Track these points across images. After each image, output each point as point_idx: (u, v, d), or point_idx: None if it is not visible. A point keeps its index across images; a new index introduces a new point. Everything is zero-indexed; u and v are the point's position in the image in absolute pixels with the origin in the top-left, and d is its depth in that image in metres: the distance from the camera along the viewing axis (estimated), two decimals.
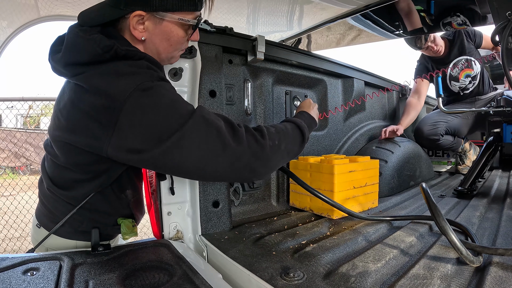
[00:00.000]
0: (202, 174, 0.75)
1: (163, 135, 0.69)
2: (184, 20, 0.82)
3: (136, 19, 0.78)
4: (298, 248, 0.95)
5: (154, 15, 0.79)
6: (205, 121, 0.73)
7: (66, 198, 0.90)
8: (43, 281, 0.68)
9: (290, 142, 0.88)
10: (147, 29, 0.81)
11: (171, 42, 0.85)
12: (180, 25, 0.83)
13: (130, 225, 0.97)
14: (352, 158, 1.41)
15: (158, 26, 0.81)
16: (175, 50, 0.89)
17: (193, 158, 0.71)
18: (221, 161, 0.73)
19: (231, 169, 0.75)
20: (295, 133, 0.92)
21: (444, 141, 2.27)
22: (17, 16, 1.48)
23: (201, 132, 0.71)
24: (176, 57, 0.93)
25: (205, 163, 0.72)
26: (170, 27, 0.83)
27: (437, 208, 0.86)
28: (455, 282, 0.69)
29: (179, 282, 0.70)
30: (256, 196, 1.42)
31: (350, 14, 1.57)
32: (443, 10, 1.55)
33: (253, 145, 0.77)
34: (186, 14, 0.82)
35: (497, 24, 0.91)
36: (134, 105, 0.69)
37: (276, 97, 1.54)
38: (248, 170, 0.77)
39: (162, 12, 0.79)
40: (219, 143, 0.72)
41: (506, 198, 1.45)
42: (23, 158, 5.67)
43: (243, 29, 1.93)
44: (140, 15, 0.78)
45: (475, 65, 2.29)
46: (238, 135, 0.75)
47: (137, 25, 0.79)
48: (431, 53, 2.30)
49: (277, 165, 0.85)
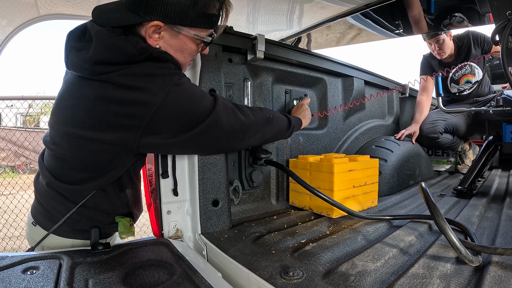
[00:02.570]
0: (227, 145, 0.95)
1: (199, 117, 0.83)
2: (199, 37, 0.87)
3: (153, 29, 0.82)
4: (298, 247, 0.95)
5: (172, 27, 0.83)
6: (224, 104, 0.90)
7: (67, 194, 0.89)
8: (43, 280, 0.68)
9: (278, 119, 1.10)
10: (162, 38, 0.85)
11: (184, 54, 0.90)
12: (194, 40, 0.88)
13: (127, 224, 0.97)
14: (351, 157, 1.41)
15: (174, 38, 0.86)
16: (186, 61, 0.94)
17: (225, 131, 0.88)
18: (240, 131, 0.93)
19: (248, 135, 0.96)
20: (282, 117, 1.13)
21: (443, 139, 2.28)
22: (17, 14, 1.47)
23: (225, 111, 0.88)
24: (185, 67, 0.97)
25: (229, 134, 0.90)
26: (185, 40, 0.87)
27: (436, 207, 0.86)
28: (454, 282, 0.70)
29: (178, 281, 0.70)
30: (255, 195, 1.42)
31: (350, 13, 1.57)
32: (443, 10, 1.55)
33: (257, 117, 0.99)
34: (201, 31, 0.87)
35: (497, 24, 0.91)
36: (173, 98, 0.79)
37: (276, 96, 1.54)
38: (260, 135, 1.01)
39: (180, 26, 0.84)
40: (236, 118, 0.91)
41: (506, 197, 1.45)
42: (22, 157, 5.67)
43: (243, 28, 1.93)
44: (158, 25, 0.81)
45: (477, 73, 2.32)
46: (244, 111, 0.96)
47: (153, 34, 0.83)
48: (432, 51, 2.31)
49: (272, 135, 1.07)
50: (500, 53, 0.92)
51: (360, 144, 1.96)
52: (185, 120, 0.82)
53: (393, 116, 2.38)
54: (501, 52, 0.91)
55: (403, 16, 1.64)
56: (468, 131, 2.41)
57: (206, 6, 0.83)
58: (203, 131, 0.84)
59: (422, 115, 2.30)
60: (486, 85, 2.41)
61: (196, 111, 0.83)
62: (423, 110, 2.32)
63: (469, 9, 1.46)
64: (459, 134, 2.37)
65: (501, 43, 0.90)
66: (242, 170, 1.32)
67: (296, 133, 1.59)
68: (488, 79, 2.45)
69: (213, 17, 0.86)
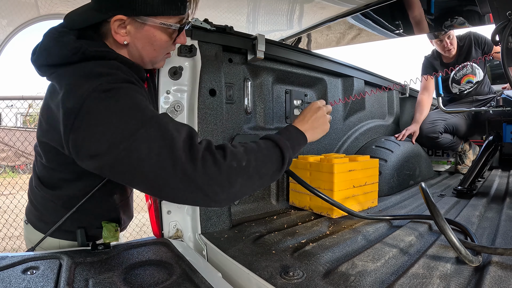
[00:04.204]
0: (154, 189, 0.66)
1: (116, 140, 0.63)
2: (166, 25, 0.80)
3: (117, 24, 0.77)
4: (298, 247, 0.95)
5: (136, 19, 0.78)
6: (161, 130, 0.65)
7: (52, 197, 0.91)
8: (43, 280, 0.68)
9: (262, 163, 0.73)
10: (129, 33, 0.80)
11: (155, 47, 0.84)
12: (163, 30, 0.81)
13: (112, 229, 0.97)
14: (352, 157, 1.41)
15: (140, 30, 0.80)
16: (160, 54, 0.88)
17: (144, 169, 0.63)
18: (172, 178, 0.63)
19: (183, 189, 0.64)
20: (272, 153, 0.77)
21: (443, 139, 2.28)
22: (17, 14, 1.47)
23: (153, 141, 0.63)
24: (161, 61, 0.92)
25: (155, 176, 0.63)
26: (153, 31, 0.81)
27: (436, 207, 0.86)
28: (454, 282, 0.70)
29: (178, 281, 0.70)
30: (255, 195, 1.42)
31: (350, 13, 1.57)
32: (443, 10, 1.55)
33: (209, 166, 0.64)
34: (169, 18, 0.80)
35: (497, 24, 0.91)
36: (90, 107, 0.65)
37: (276, 96, 1.54)
38: (202, 194, 0.65)
39: (144, 17, 0.77)
40: (169, 156, 0.63)
41: (506, 197, 1.45)
42: (23, 157, 5.67)
43: (243, 28, 1.93)
44: (121, 19, 0.77)
45: (478, 73, 2.33)
46: (194, 151, 0.65)
47: (119, 29, 0.78)
48: (442, 49, 2.31)
49: (245, 191, 0.71)
50: (500, 53, 0.92)
51: (360, 144, 1.96)
52: (102, 139, 0.63)
53: (393, 116, 2.38)
54: (501, 52, 0.91)
55: (403, 16, 1.64)
56: (468, 131, 2.41)
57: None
58: (118, 157, 0.62)
59: (422, 115, 2.31)
60: (487, 85, 2.42)
61: (115, 128, 0.63)
62: (423, 110, 2.32)
63: (469, 9, 1.46)
64: (459, 134, 2.38)
65: (501, 43, 0.90)
66: None
67: None
68: (488, 79, 2.46)
69: (178, 2, 0.78)
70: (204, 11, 1.71)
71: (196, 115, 1.10)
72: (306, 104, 1.65)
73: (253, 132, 1.40)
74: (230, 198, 0.69)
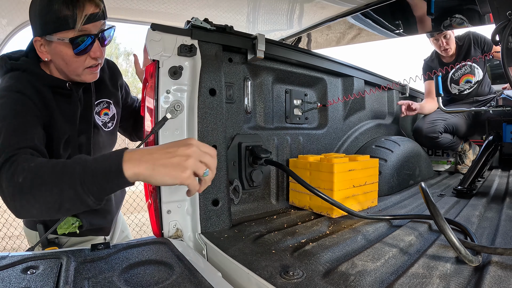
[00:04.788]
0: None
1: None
2: (61, 39, 0.91)
3: (38, 43, 0.94)
4: (298, 246, 0.95)
5: (45, 38, 0.92)
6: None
7: None
8: (43, 279, 0.68)
9: (44, 185, 0.63)
10: (48, 51, 0.95)
11: (66, 61, 0.95)
12: (64, 44, 0.92)
13: (70, 221, 1.02)
14: (351, 157, 1.41)
15: (51, 47, 0.94)
16: (77, 67, 0.97)
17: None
18: None
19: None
20: (64, 174, 0.62)
21: (443, 139, 2.28)
22: (17, 14, 1.47)
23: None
24: (82, 74, 1.00)
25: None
26: (59, 47, 0.93)
27: (435, 207, 0.86)
28: (454, 281, 0.70)
29: (178, 280, 0.70)
30: (255, 194, 1.42)
31: (350, 13, 1.57)
32: (444, 10, 1.55)
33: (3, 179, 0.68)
34: (65, 33, 0.90)
35: (497, 24, 0.91)
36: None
37: (276, 95, 1.54)
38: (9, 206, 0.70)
39: (49, 35, 0.91)
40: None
41: (506, 197, 1.45)
42: None
43: (243, 27, 1.93)
44: (38, 40, 0.93)
45: (477, 73, 2.33)
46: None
47: (41, 48, 0.95)
48: (438, 48, 2.31)
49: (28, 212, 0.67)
50: (500, 53, 0.92)
51: (360, 144, 1.96)
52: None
53: (393, 116, 2.38)
54: (501, 52, 0.91)
55: (403, 16, 1.65)
56: (468, 131, 2.41)
57: (59, 10, 0.88)
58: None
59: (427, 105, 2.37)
60: (487, 85, 2.42)
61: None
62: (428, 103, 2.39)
63: (469, 9, 1.46)
64: (459, 134, 2.38)
65: (501, 43, 0.90)
66: (242, 170, 1.32)
67: (296, 133, 1.58)
68: (488, 79, 2.46)
69: (67, 17, 0.89)
70: (204, 11, 1.71)
71: (196, 115, 1.10)
72: (306, 104, 1.65)
73: (253, 131, 1.40)
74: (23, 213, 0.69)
